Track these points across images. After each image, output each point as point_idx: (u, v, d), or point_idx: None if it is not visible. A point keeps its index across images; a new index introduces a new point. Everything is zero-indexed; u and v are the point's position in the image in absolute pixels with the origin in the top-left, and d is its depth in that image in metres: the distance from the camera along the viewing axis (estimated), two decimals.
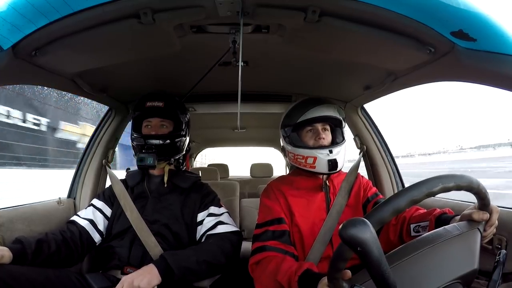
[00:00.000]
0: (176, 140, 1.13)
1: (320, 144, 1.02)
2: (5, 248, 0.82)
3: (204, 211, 1.11)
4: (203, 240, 1.06)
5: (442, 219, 0.78)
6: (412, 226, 0.86)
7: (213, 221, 1.08)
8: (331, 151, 1.00)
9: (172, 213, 1.09)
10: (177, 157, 1.18)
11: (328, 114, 1.03)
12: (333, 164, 0.99)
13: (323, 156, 1.00)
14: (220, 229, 1.06)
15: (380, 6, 0.64)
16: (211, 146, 4.00)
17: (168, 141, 1.11)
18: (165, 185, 1.13)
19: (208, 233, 1.06)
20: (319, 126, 1.05)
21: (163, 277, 0.86)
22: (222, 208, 1.15)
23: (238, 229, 1.10)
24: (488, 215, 0.62)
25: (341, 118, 1.07)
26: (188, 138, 1.22)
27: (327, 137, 1.05)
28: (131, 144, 1.17)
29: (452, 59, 0.74)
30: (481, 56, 0.67)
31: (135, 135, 1.13)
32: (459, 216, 0.69)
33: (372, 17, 0.68)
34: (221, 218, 1.10)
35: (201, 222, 1.10)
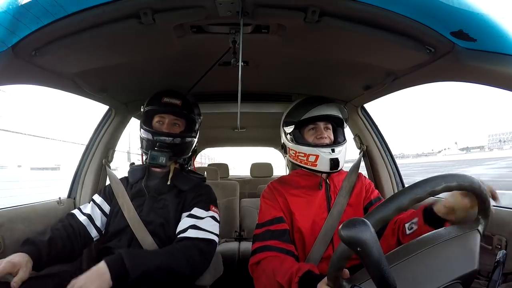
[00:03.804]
0: (187, 140, 1.13)
1: (322, 142, 1.03)
2: (26, 257, 0.81)
3: (187, 212, 1.06)
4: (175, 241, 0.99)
5: (428, 210, 0.80)
6: (406, 225, 0.87)
7: (188, 223, 1.01)
8: (333, 150, 1.01)
9: (167, 214, 1.07)
10: (185, 157, 1.17)
11: (331, 113, 1.04)
12: (335, 163, 1.00)
13: (325, 154, 1.00)
14: (191, 233, 0.98)
15: (380, 6, 0.64)
16: (211, 146, 4.00)
17: (178, 140, 1.10)
18: (168, 183, 1.11)
19: (180, 235, 0.99)
20: (321, 124, 1.06)
21: (116, 279, 0.78)
22: (209, 212, 1.07)
23: (213, 238, 1.01)
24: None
25: (343, 118, 1.08)
26: (196, 139, 1.21)
27: (329, 135, 1.06)
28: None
29: (452, 59, 0.74)
30: (481, 56, 0.67)
31: (145, 128, 1.10)
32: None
33: (372, 17, 0.68)
34: (199, 222, 1.01)
35: (181, 220, 1.05)
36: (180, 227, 1.02)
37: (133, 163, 1.24)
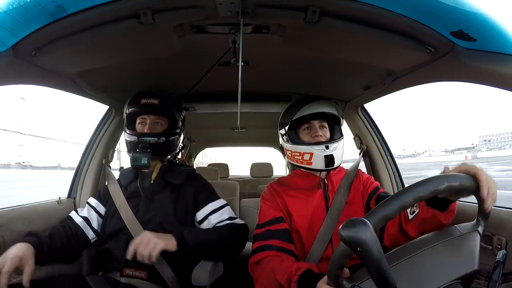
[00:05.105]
0: (171, 138, 1.12)
1: (317, 140, 1.02)
2: (30, 248, 0.85)
3: (203, 210, 1.11)
4: None
5: None
6: (408, 209, 0.82)
7: (219, 217, 1.11)
8: (327, 147, 1.00)
9: (165, 211, 1.07)
10: (172, 155, 1.18)
11: (323, 110, 1.03)
12: (329, 160, 0.99)
13: (319, 152, 1.00)
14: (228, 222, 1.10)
15: (380, 6, 0.64)
16: (211, 146, 4.00)
17: (163, 139, 1.09)
18: (152, 182, 1.11)
19: (218, 225, 1.09)
20: (316, 123, 1.05)
21: (178, 247, 0.92)
22: (220, 200, 1.16)
23: (245, 223, 1.14)
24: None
25: (338, 115, 1.07)
26: (182, 135, 1.21)
27: (324, 133, 1.05)
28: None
29: (452, 59, 0.74)
30: (481, 56, 0.67)
31: (128, 132, 1.11)
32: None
33: (372, 17, 0.68)
34: (226, 214, 1.12)
35: (204, 219, 1.10)
36: (213, 222, 1.10)
37: (122, 167, 1.23)
